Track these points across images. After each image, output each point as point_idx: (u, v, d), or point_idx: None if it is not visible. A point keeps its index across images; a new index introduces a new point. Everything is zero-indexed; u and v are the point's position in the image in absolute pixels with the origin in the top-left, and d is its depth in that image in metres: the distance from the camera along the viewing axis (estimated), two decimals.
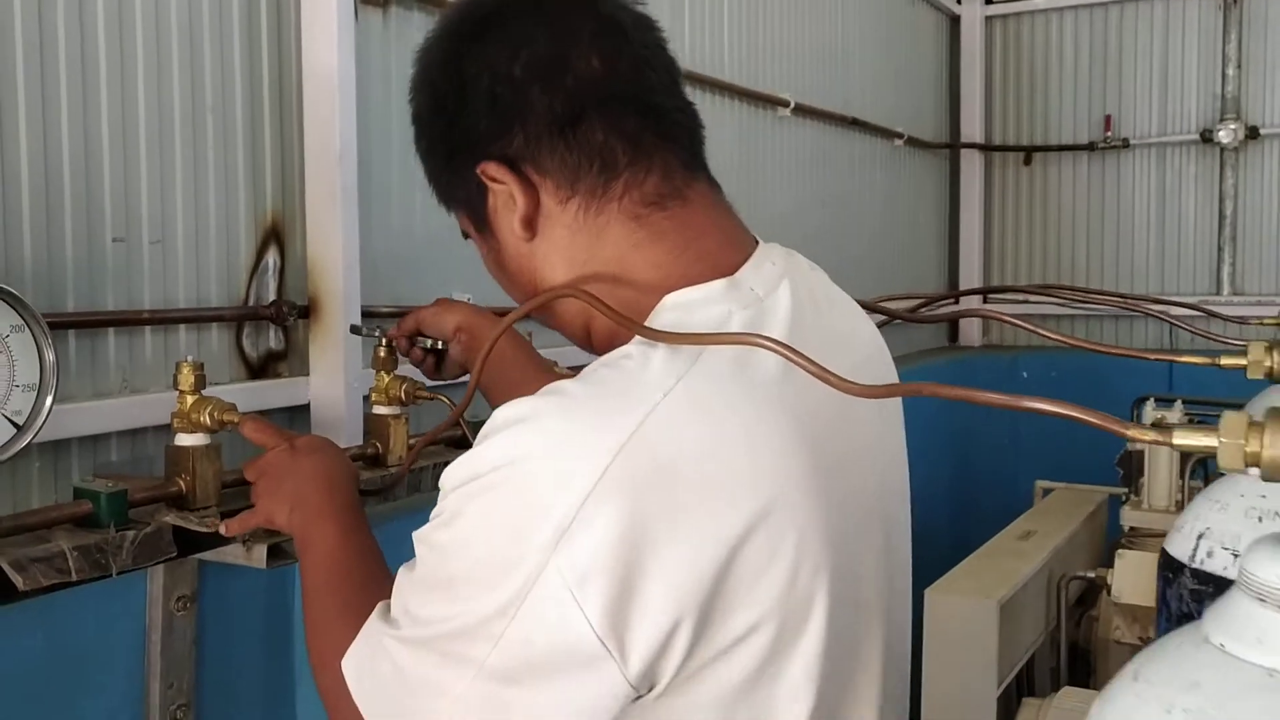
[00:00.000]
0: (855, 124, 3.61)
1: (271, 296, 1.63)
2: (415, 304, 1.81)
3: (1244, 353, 1.49)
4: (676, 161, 0.92)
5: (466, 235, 1.00)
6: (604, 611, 0.72)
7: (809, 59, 3.33)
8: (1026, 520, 3.24)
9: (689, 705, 0.77)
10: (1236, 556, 1.21)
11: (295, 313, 1.62)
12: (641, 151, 0.90)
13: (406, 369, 1.50)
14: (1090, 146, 4.49)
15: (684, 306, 0.86)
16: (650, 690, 0.76)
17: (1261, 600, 0.54)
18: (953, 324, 4.79)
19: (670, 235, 0.90)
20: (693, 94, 2.65)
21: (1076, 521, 3.26)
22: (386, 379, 1.49)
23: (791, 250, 1.02)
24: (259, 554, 1.22)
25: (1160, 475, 3.22)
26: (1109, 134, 4.43)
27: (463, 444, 1.56)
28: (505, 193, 0.90)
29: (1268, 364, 1.44)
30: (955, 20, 4.63)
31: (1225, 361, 1.52)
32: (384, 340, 1.48)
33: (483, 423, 0.80)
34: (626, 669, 0.74)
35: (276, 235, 1.65)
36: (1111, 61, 4.48)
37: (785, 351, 0.76)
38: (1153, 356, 1.49)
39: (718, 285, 0.87)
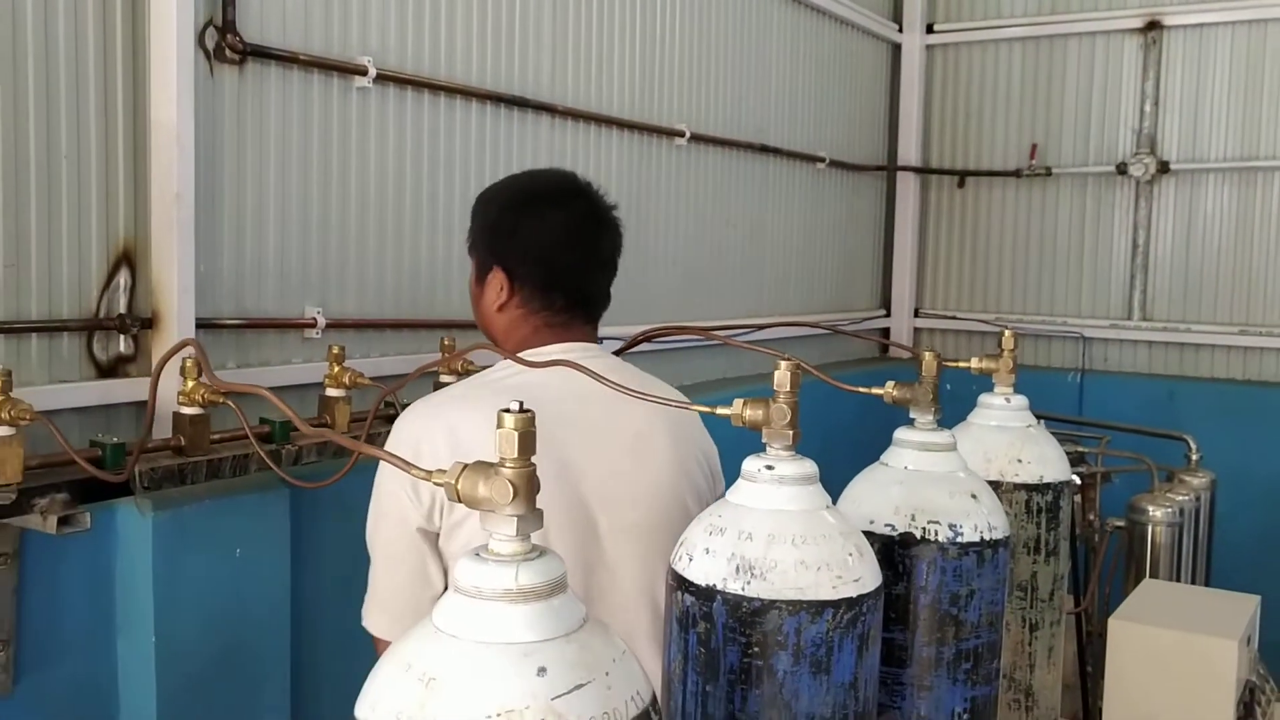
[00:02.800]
0: (766, 150, 3.87)
1: (122, 310, 1.96)
2: (255, 317, 2.14)
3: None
4: (580, 314, 1.72)
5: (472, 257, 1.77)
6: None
7: (713, 90, 3.60)
8: None
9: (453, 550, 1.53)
10: None
11: (138, 324, 1.95)
12: (564, 306, 1.70)
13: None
14: (1016, 173, 4.71)
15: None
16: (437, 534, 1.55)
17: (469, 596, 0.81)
18: (884, 337, 5.04)
19: (544, 341, 1.69)
20: (583, 131, 2.96)
21: None
22: (190, 384, 1.81)
23: (614, 360, 1.77)
24: (51, 522, 1.55)
25: None
26: (1033, 162, 4.65)
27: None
28: (497, 284, 1.69)
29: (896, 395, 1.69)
30: (896, 49, 4.86)
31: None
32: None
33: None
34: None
35: (128, 258, 1.97)
36: (1041, 92, 4.69)
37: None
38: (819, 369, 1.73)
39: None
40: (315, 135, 2.30)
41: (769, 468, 1.18)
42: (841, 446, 4.30)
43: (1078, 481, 3.43)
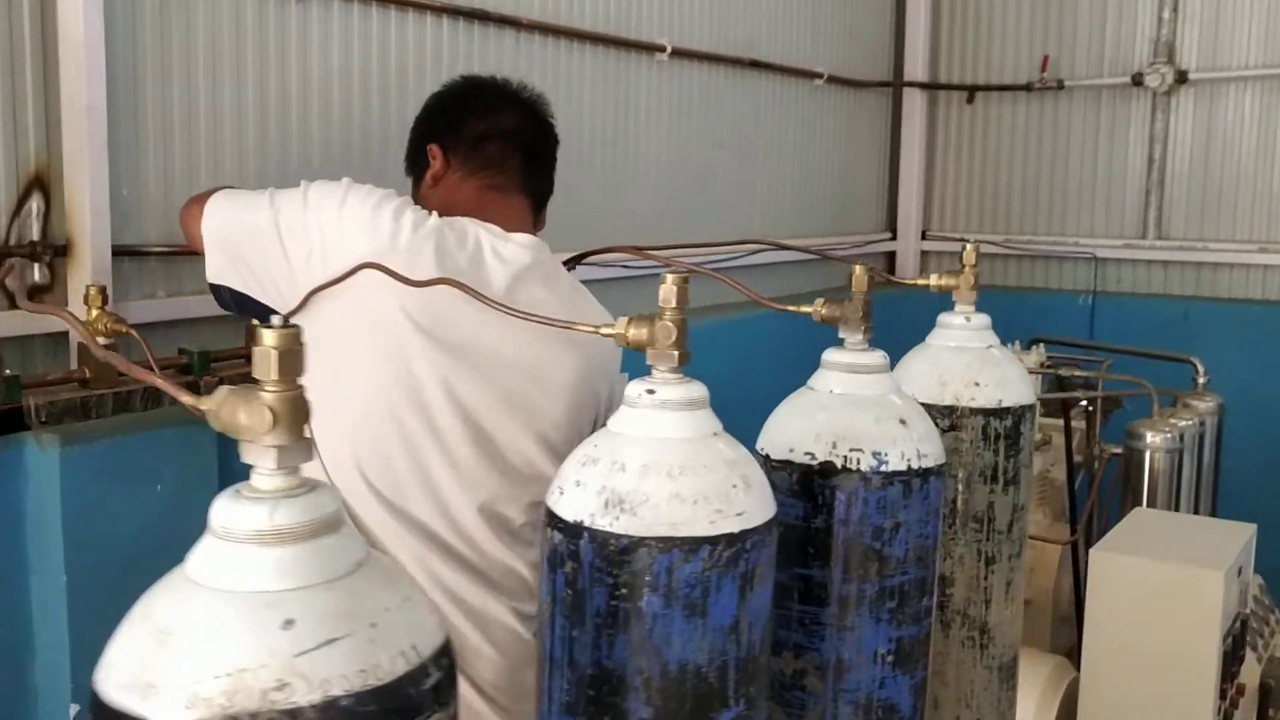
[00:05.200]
0: (756, 65, 3.70)
1: (35, 237, 1.86)
2: (171, 245, 2.04)
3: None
4: (517, 180, 1.70)
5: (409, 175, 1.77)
6: None
7: (697, 1, 3.43)
8: None
9: None
10: None
11: (51, 252, 1.85)
12: (500, 163, 1.67)
13: None
14: (1027, 87, 4.49)
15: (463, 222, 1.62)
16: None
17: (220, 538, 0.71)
18: (890, 261, 4.88)
19: (484, 208, 1.65)
20: (551, 47, 2.81)
21: None
22: (94, 313, 1.72)
23: (557, 263, 1.72)
24: None
25: None
26: (1044, 75, 4.44)
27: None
28: (433, 164, 1.69)
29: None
30: None
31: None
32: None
33: None
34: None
35: (41, 183, 1.87)
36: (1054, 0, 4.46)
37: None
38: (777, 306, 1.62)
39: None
40: (250, 50, 2.17)
41: (650, 392, 1.07)
42: None
43: (1080, 404, 3.30)
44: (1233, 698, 2.31)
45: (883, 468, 1.28)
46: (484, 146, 1.65)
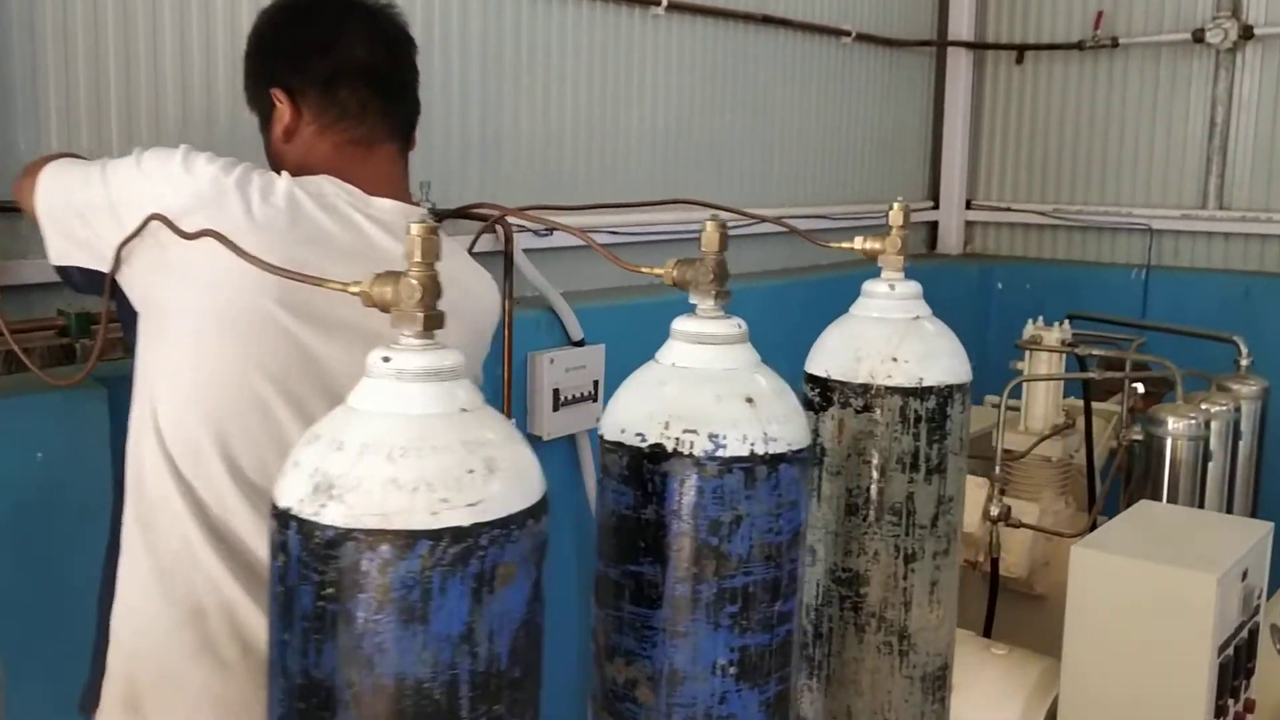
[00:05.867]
0: (770, 21, 3.49)
1: None
2: None
3: None
4: (383, 126, 1.49)
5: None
6: None
7: None
8: None
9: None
10: None
11: None
12: (359, 110, 1.47)
13: None
14: (1079, 45, 4.19)
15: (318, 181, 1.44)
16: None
17: None
18: (932, 232, 4.62)
19: (345, 166, 1.47)
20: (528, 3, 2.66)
21: None
22: None
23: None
24: None
25: (1038, 397, 3.11)
26: (1098, 32, 4.12)
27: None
28: (280, 111, 1.49)
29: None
30: None
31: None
32: None
33: None
34: None
35: None
36: None
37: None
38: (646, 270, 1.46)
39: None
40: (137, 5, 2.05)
41: (385, 360, 0.92)
42: None
43: (1131, 385, 3.05)
44: (1237, 714, 2.08)
45: (719, 452, 1.11)
46: (336, 91, 1.47)
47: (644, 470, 1.13)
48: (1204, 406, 2.77)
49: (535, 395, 2.65)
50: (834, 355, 1.53)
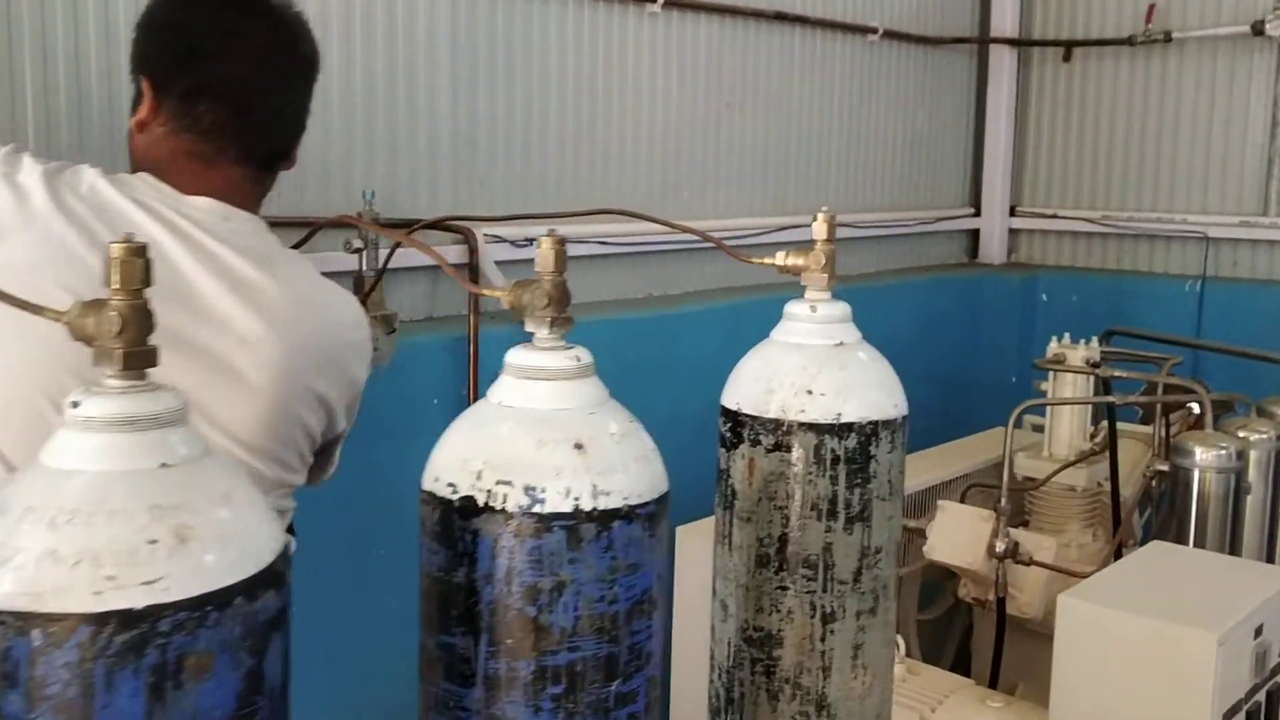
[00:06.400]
0: (784, 19, 3.30)
1: None
2: None
3: None
4: (234, 146, 1.36)
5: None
6: None
7: None
8: None
9: None
10: None
11: None
12: (213, 126, 1.35)
13: None
14: (1130, 41, 3.92)
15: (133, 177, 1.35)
16: None
17: None
18: (973, 240, 4.38)
19: (180, 174, 1.35)
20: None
21: None
22: None
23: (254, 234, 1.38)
24: None
25: (1063, 422, 2.88)
26: (1150, 26, 3.85)
27: None
28: (144, 98, 1.36)
29: None
30: None
31: None
32: None
33: None
34: None
35: None
36: None
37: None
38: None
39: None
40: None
41: (75, 404, 0.78)
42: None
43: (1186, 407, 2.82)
44: None
45: (536, 507, 0.95)
46: (195, 103, 1.35)
47: (454, 526, 0.98)
48: (1241, 434, 2.52)
49: None
50: (746, 387, 1.35)
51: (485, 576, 0.97)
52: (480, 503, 0.96)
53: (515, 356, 1.03)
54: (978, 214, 4.32)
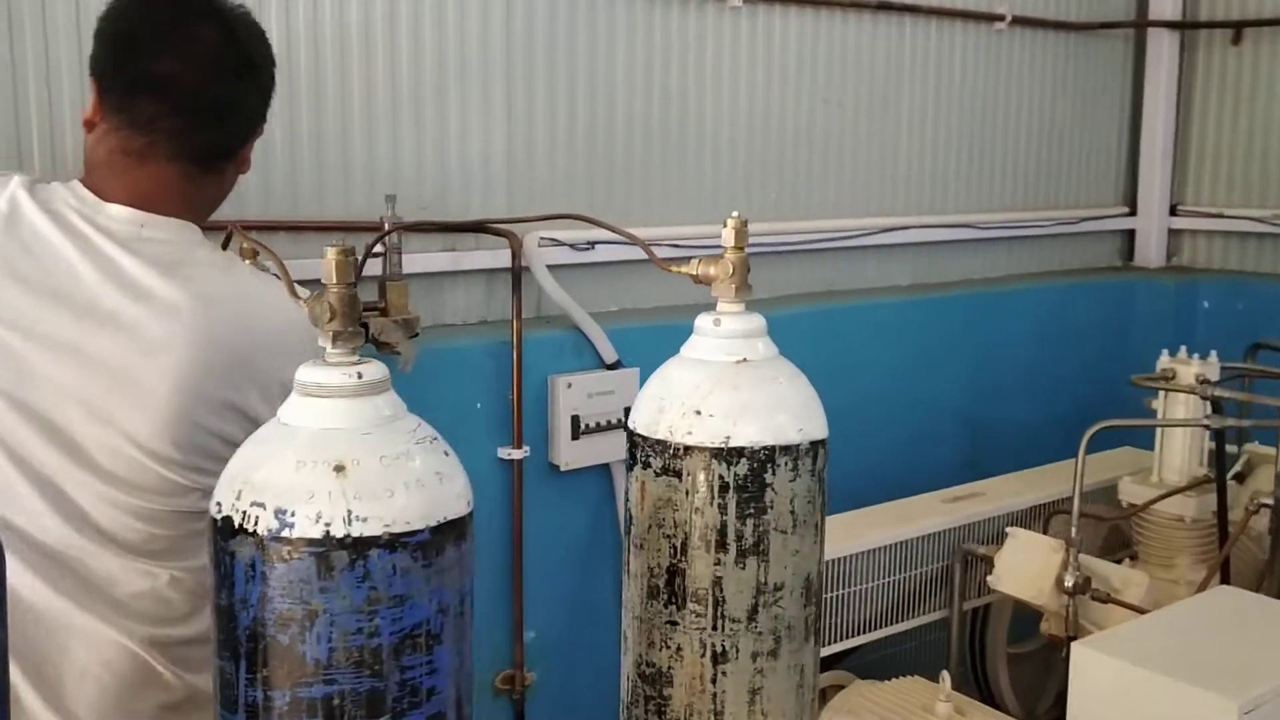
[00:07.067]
0: (887, 8, 3.12)
1: None
2: None
3: None
4: (164, 147, 1.37)
5: None
6: None
7: None
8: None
9: None
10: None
11: None
12: (148, 124, 1.36)
13: None
14: None
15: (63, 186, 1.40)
16: None
17: None
18: (1128, 242, 4.02)
19: (113, 176, 1.38)
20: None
21: None
22: None
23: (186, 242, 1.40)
24: None
25: (1175, 445, 2.61)
26: None
27: None
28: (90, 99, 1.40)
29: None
30: None
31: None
32: None
33: None
34: None
35: None
36: None
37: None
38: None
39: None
40: None
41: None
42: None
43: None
44: None
45: (285, 531, 0.91)
46: (136, 99, 1.37)
47: (217, 547, 0.95)
48: None
49: (553, 422, 2.47)
50: (644, 405, 1.27)
51: (242, 601, 0.93)
52: (236, 524, 0.93)
53: (301, 372, 0.99)
54: (1133, 213, 3.97)
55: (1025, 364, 3.54)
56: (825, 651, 2.39)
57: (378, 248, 2.14)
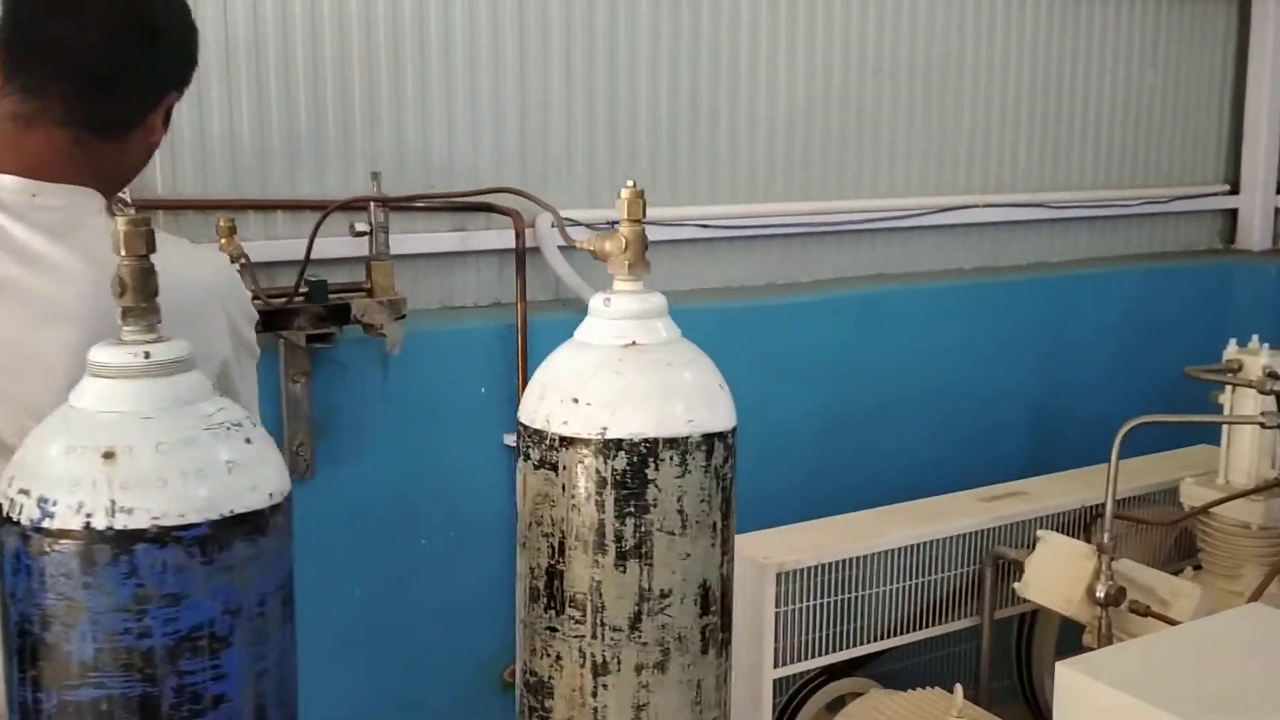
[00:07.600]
0: None
1: None
2: None
3: None
4: (55, 110, 1.30)
5: None
6: None
7: None
8: None
9: None
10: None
11: None
12: (39, 85, 1.31)
13: None
14: None
15: None
16: None
17: None
18: (1230, 222, 3.71)
19: (2, 141, 1.31)
20: None
21: None
22: None
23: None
24: None
25: (1243, 445, 2.38)
26: None
27: None
28: None
29: None
30: None
31: None
32: None
33: None
34: None
35: None
36: None
37: None
38: None
39: None
40: None
41: None
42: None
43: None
44: None
45: (45, 522, 0.84)
46: (29, 63, 1.33)
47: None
48: None
49: None
50: (532, 391, 1.16)
51: (10, 594, 0.87)
52: (3, 512, 0.87)
53: (92, 350, 0.92)
54: (1235, 192, 3.66)
55: (1107, 356, 3.28)
56: (843, 656, 2.24)
57: (361, 226, 2.09)
